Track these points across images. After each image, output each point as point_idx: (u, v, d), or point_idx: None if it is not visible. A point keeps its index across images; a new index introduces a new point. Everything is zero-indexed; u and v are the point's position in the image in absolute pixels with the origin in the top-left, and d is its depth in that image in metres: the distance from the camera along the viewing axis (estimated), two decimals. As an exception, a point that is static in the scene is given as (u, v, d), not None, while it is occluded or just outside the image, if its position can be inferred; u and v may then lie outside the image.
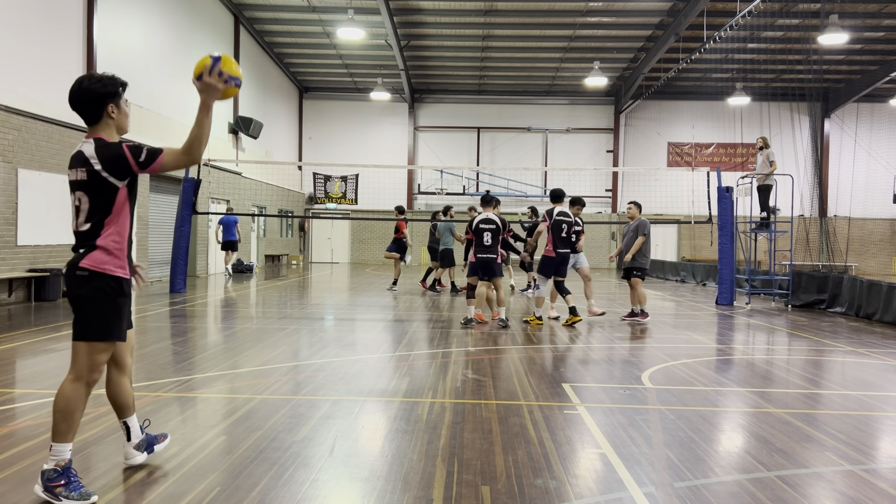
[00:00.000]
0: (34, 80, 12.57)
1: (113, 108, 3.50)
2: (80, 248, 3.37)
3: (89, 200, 3.35)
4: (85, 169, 3.33)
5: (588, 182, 30.02)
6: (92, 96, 3.47)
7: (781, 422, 4.96)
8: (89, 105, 3.48)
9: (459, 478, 3.69)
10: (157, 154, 3.37)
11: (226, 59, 3.53)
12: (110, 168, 3.33)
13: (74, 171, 3.38)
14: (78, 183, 3.35)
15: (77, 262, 3.34)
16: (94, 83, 3.46)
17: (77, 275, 3.34)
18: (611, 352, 7.98)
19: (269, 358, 7.14)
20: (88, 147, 3.37)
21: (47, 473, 3.27)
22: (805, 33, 20.73)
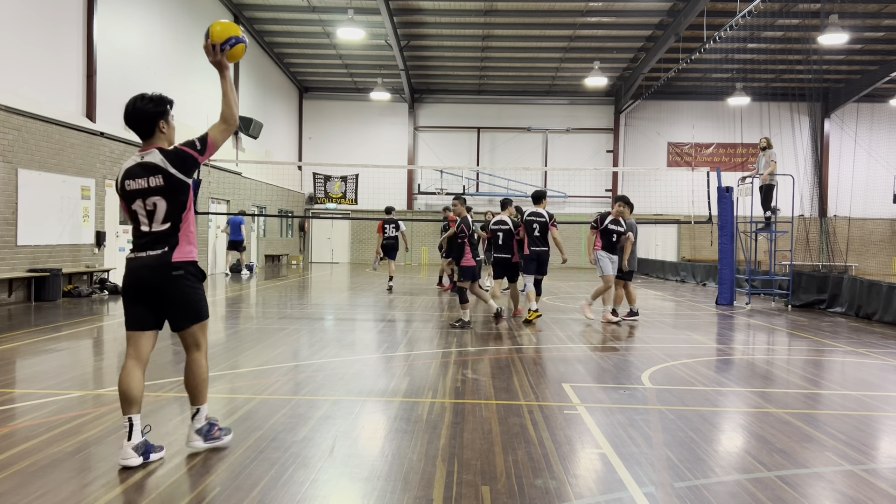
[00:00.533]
0: (34, 80, 12.57)
1: (163, 124, 3.93)
2: (164, 247, 3.82)
3: (166, 202, 3.81)
4: (160, 175, 3.79)
5: (588, 182, 30.03)
6: (145, 115, 3.87)
7: (781, 422, 4.95)
8: (143, 123, 3.88)
9: (459, 478, 3.69)
10: (205, 137, 3.91)
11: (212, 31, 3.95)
12: (182, 168, 3.81)
13: (144, 179, 3.80)
14: (152, 189, 3.79)
15: (169, 260, 3.80)
16: (146, 103, 3.87)
17: (174, 274, 3.81)
18: (611, 352, 7.98)
19: (269, 358, 7.14)
20: (155, 156, 3.82)
21: (203, 429, 4.03)
22: (805, 33, 20.73)
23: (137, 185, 3.81)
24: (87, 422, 4.62)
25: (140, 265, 3.82)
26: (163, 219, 3.82)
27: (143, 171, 3.81)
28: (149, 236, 3.84)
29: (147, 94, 3.91)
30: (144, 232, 3.85)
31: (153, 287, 3.82)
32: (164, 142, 3.93)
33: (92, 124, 14.05)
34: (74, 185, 13.36)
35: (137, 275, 3.83)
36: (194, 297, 3.91)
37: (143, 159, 3.84)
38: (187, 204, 3.88)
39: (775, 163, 13.69)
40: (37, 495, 3.36)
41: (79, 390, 5.56)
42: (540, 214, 10.56)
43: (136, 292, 3.86)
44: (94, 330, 9.04)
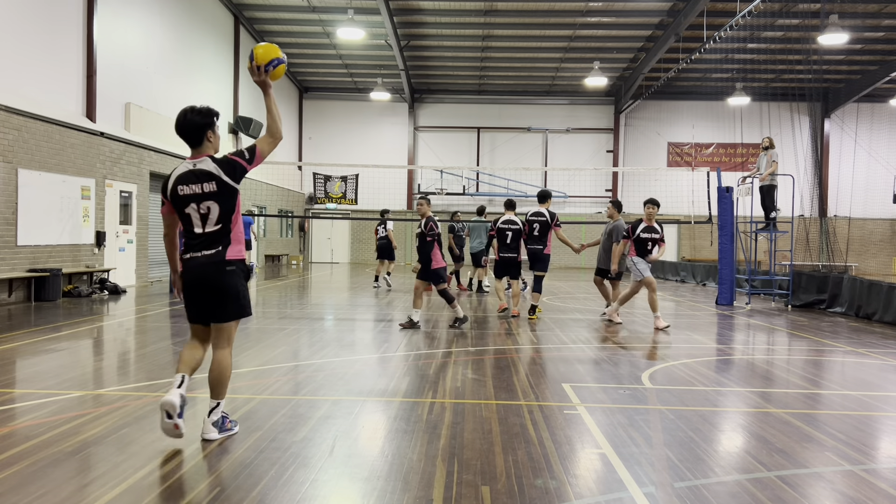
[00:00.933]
0: (34, 80, 12.57)
1: (210, 134, 4.28)
2: (218, 246, 4.18)
3: (219, 206, 4.16)
4: (214, 181, 4.15)
5: (588, 182, 30.03)
6: (194, 126, 4.24)
7: (781, 422, 4.95)
8: (193, 133, 4.24)
9: (459, 478, 3.69)
10: (253, 148, 4.27)
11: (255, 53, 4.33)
12: (232, 175, 4.18)
13: (198, 185, 4.14)
14: (207, 194, 4.14)
15: (223, 258, 4.18)
16: (195, 115, 4.25)
17: (227, 269, 4.19)
18: (611, 352, 7.98)
19: (269, 358, 7.14)
20: (208, 164, 4.17)
21: (218, 422, 4.27)
22: (805, 33, 20.73)
23: (191, 191, 4.15)
24: (87, 422, 4.62)
25: (197, 264, 4.19)
26: (216, 221, 4.18)
27: (196, 178, 4.15)
28: (203, 237, 4.20)
29: (196, 107, 4.30)
30: (198, 234, 4.20)
31: (209, 282, 4.20)
32: (211, 150, 4.29)
33: (92, 124, 14.05)
34: (74, 185, 13.36)
35: (196, 273, 4.21)
36: (243, 293, 4.30)
37: (196, 166, 4.19)
38: (236, 207, 4.24)
39: (776, 163, 13.69)
40: (37, 495, 3.36)
41: (79, 390, 5.56)
42: (541, 214, 10.82)
43: (195, 288, 4.24)
44: (94, 330, 9.05)
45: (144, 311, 11.22)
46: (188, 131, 4.24)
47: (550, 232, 10.83)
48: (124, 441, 4.23)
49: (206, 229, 4.18)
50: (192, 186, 4.15)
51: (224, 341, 4.30)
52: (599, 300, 14.43)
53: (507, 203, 11.47)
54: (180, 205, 4.19)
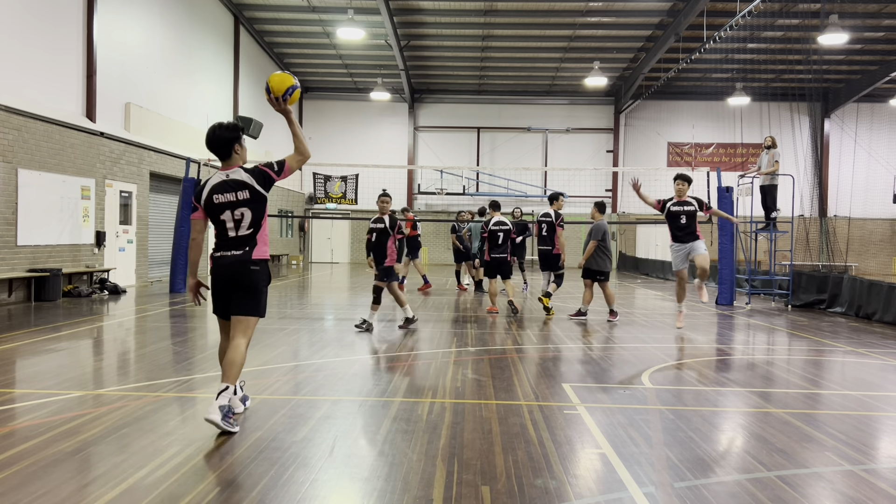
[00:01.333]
0: (34, 80, 12.57)
1: (237, 147, 4.66)
2: (246, 247, 4.55)
3: (251, 212, 4.55)
4: (247, 190, 4.54)
5: (588, 182, 30.01)
6: (223, 140, 4.61)
7: (781, 422, 4.95)
8: (222, 146, 4.61)
9: (459, 478, 3.69)
10: (283, 161, 4.69)
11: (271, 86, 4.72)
12: (263, 184, 4.58)
13: (232, 193, 4.52)
14: (240, 202, 4.53)
15: (249, 258, 4.54)
16: (223, 131, 4.62)
17: (252, 269, 4.55)
18: (611, 352, 7.98)
19: (269, 358, 7.14)
20: (241, 174, 4.57)
21: (224, 408, 4.37)
22: (805, 33, 20.72)
23: (226, 199, 4.54)
24: (87, 422, 4.62)
25: (226, 262, 4.56)
26: (248, 226, 4.56)
27: (230, 187, 4.53)
28: (234, 240, 4.58)
29: (223, 123, 4.67)
30: (231, 237, 4.58)
31: (234, 279, 4.55)
32: (240, 161, 4.66)
33: (92, 124, 14.05)
34: (74, 185, 13.36)
35: (223, 270, 4.56)
36: (263, 292, 4.64)
37: (229, 177, 4.57)
38: (265, 212, 4.64)
39: (778, 162, 13.69)
40: (37, 495, 3.36)
41: (79, 390, 5.56)
42: (548, 214, 11.26)
43: (221, 284, 4.58)
44: (94, 330, 9.05)
45: (144, 311, 11.22)
46: (217, 146, 4.61)
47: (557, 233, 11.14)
48: (124, 441, 4.23)
49: (239, 233, 4.57)
50: (226, 195, 4.54)
51: (241, 333, 4.57)
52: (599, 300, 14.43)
53: (494, 204, 11.71)
54: (215, 212, 4.56)
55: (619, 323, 10.61)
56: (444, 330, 9.40)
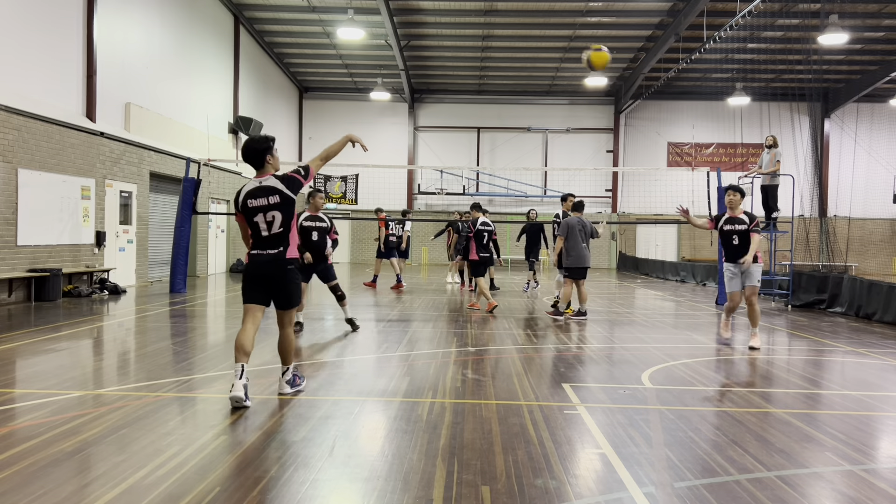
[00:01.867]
0: (34, 80, 12.57)
1: (269, 157, 5.23)
2: (280, 247, 5.16)
3: (281, 214, 5.13)
4: (277, 195, 5.12)
5: (588, 182, 30.01)
6: (256, 151, 5.20)
7: (781, 422, 4.95)
8: (256, 157, 5.20)
9: (459, 478, 3.69)
10: (307, 167, 5.31)
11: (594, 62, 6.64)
12: (291, 188, 5.14)
13: (265, 198, 5.12)
14: (272, 206, 5.11)
15: (284, 257, 5.16)
16: (256, 143, 5.21)
17: (288, 268, 5.17)
18: (611, 352, 7.98)
19: (269, 358, 7.14)
20: (272, 181, 5.16)
21: (291, 380, 5.49)
22: (805, 33, 20.72)
23: (259, 203, 5.13)
24: (87, 422, 4.62)
25: (262, 261, 5.16)
26: (278, 226, 5.14)
27: (263, 192, 5.13)
28: (268, 239, 5.16)
29: (257, 136, 5.23)
30: (264, 237, 5.16)
31: (270, 276, 5.16)
32: (272, 170, 5.22)
33: (92, 124, 14.05)
34: (74, 185, 13.36)
35: (259, 268, 5.18)
36: (297, 287, 5.30)
37: (262, 183, 5.16)
38: (294, 214, 5.23)
39: (780, 162, 13.68)
40: (37, 495, 3.36)
41: (79, 390, 5.56)
42: (559, 215, 11.96)
43: (257, 278, 5.19)
44: (94, 330, 9.05)
45: (144, 311, 11.22)
46: (252, 156, 5.20)
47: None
48: (124, 441, 4.23)
49: (271, 232, 5.14)
50: (259, 200, 5.13)
51: (287, 323, 5.38)
52: (599, 299, 14.43)
53: (476, 205, 12.30)
54: (250, 214, 5.15)
55: (620, 323, 10.61)
56: (444, 330, 9.40)
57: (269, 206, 5.12)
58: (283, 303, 5.29)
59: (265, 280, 5.18)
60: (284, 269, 5.17)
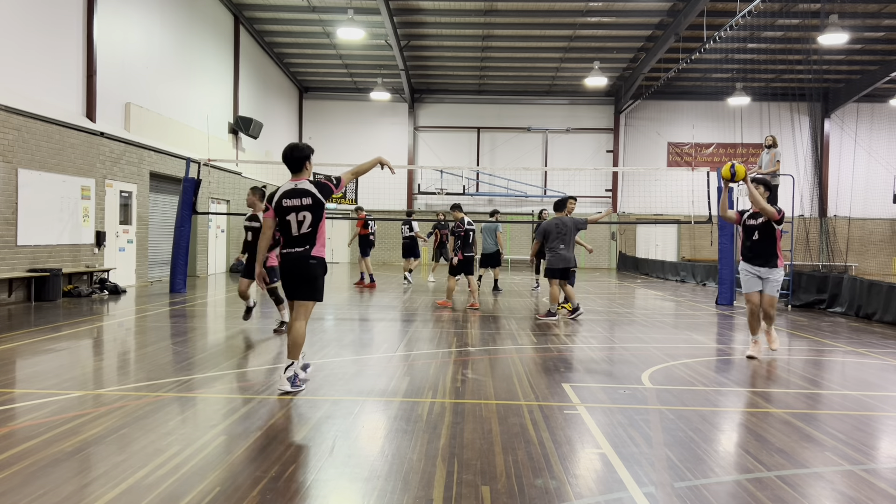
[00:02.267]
0: (34, 80, 12.57)
1: (307, 164, 5.70)
2: (306, 245, 5.57)
3: (312, 215, 5.55)
4: (310, 198, 5.55)
5: (588, 182, 30.02)
6: (297, 158, 5.66)
7: (781, 422, 4.95)
8: (297, 163, 5.66)
9: (459, 478, 3.69)
10: (340, 178, 5.69)
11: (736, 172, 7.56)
12: (323, 193, 5.58)
13: (298, 199, 5.55)
14: (304, 206, 5.54)
15: (308, 255, 5.55)
16: (298, 151, 5.67)
17: (311, 263, 5.56)
18: (611, 352, 7.98)
19: (269, 358, 7.14)
20: (306, 184, 5.60)
21: (292, 378, 5.56)
22: (805, 33, 20.72)
23: (292, 204, 5.56)
24: (87, 422, 4.62)
25: (292, 258, 5.59)
26: (308, 226, 5.56)
27: (297, 194, 5.57)
28: (297, 238, 5.58)
29: (298, 144, 5.68)
30: (294, 235, 5.58)
31: (298, 271, 5.58)
32: (307, 175, 5.70)
33: (92, 124, 14.05)
34: (74, 185, 13.36)
35: (289, 264, 5.62)
36: (319, 282, 5.65)
37: (297, 186, 5.60)
38: (322, 217, 5.61)
39: (779, 162, 13.67)
40: (37, 495, 3.36)
41: (79, 390, 5.56)
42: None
43: (289, 274, 5.63)
44: (94, 330, 9.04)
45: (144, 311, 11.22)
46: (293, 162, 5.67)
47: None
48: (124, 441, 4.23)
49: (301, 232, 5.57)
50: (293, 200, 5.57)
51: (301, 315, 5.63)
52: (599, 299, 14.44)
53: (457, 206, 12.67)
54: (283, 213, 5.59)
55: (619, 323, 10.61)
56: (444, 330, 9.40)
57: (302, 206, 5.55)
58: (303, 295, 5.64)
59: (292, 275, 5.61)
60: (307, 263, 5.57)
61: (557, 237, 10.84)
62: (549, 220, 11.12)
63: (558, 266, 10.86)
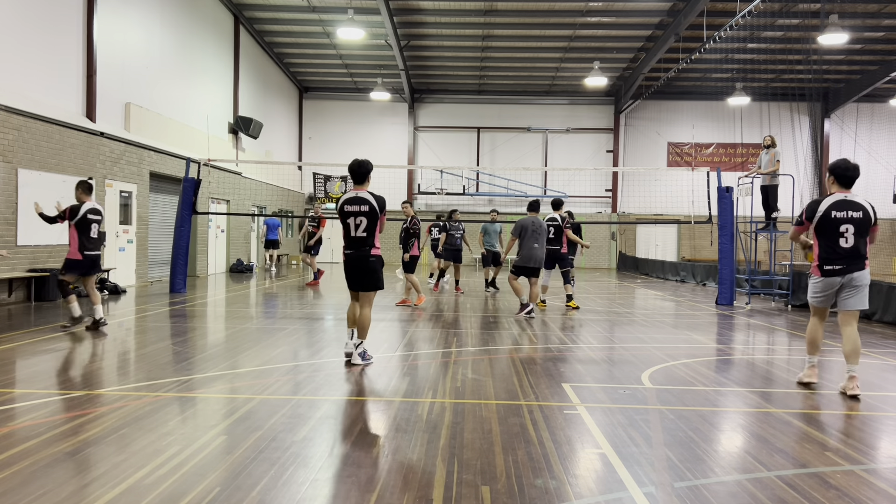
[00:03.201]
0: (34, 80, 12.57)
1: (369, 177, 6.86)
2: (365, 246, 6.73)
3: (367, 220, 6.70)
4: (367, 205, 6.68)
5: (588, 182, 30.02)
6: (363, 172, 6.81)
7: (781, 422, 4.95)
8: (362, 176, 6.81)
9: (459, 478, 3.69)
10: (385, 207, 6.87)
11: None
12: (380, 206, 6.75)
13: (357, 206, 6.69)
14: (361, 212, 6.69)
15: (368, 254, 6.73)
16: (363, 167, 6.78)
17: (371, 260, 6.75)
18: (611, 352, 7.98)
19: (269, 358, 7.14)
20: (366, 194, 6.74)
21: (363, 353, 6.85)
22: (805, 33, 20.73)
23: (352, 209, 6.70)
24: (87, 422, 4.62)
25: (354, 256, 6.77)
26: (363, 230, 6.69)
27: (357, 202, 6.71)
28: (355, 239, 6.74)
29: (364, 161, 6.79)
30: (353, 237, 6.74)
31: (360, 267, 6.76)
32: (367, 186, 6.81)
33: (92, 124, 14.04)
34: (74, 185, 13.34)
35: (352, 261, 6.79)
36: (379, 274, 6.83)
37: (358, 194, 6.72)
38: (377, 224, 6.75)
39: (779, 162, 13.67)
40: (37, 495, 3.36)
41: (79, 390, 5.56)
42: (555, 219, 12.43)
43: (351, 271, 6.81)
44: (93, 330, 9.03)
45: (144, 311, 11.21)
46: (359, 175, 6.80)
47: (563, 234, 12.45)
48: (124, 441, 4.23)
49: (357, 234, 6.71)
50: (353, 206, 6.70)
51: (367, 303, 6.84)
52: (599, 299, 14.44)
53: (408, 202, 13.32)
54: (345, 216, 6.72)
55: (619, 323, 10.61)
56: (444, 330, 9.40)
57: (360, 213, 6.66)
58: (367, 286, 6.79)
59: (356, 270, 6.75)
60: (369, 260, 6.70)
61: (532, 235, 11.00)
62: (526, 218, 11.20)
63: (529, 265, 11.05)
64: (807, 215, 6.08)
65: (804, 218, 6.12)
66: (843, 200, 5.93)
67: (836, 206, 5.91)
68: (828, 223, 5.93)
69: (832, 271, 6.02)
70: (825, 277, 6.11)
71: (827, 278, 6.10)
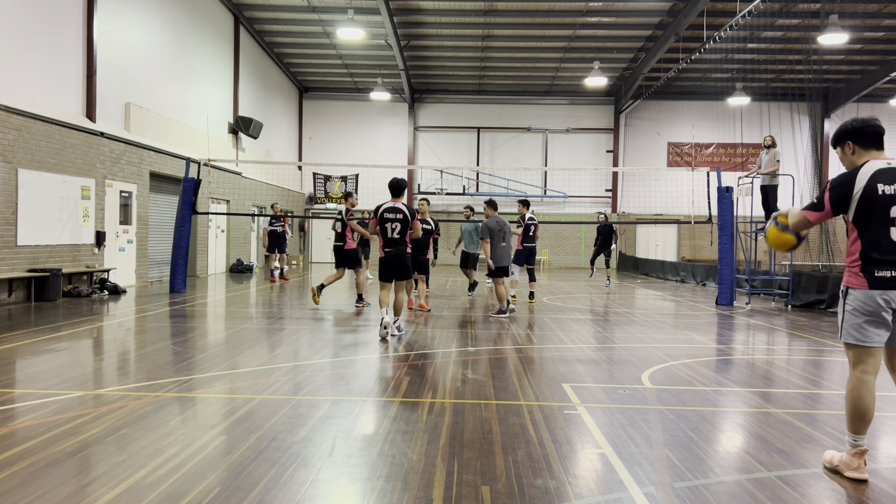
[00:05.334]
0: (34, 80, 12.57)
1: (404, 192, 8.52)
2: (401, 246, 8.43)
3: (401, 226, 8.37)
4: (402, 213, 8.36)
5: (588, 182, 30.02)
6: (401, 188, 8.48)
7: (781, 422, 4.95)
8: (400, 191, 8.48)
9: (459, 478, 3.69)
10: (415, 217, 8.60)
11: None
12: (411, 215, 8.46)
13: (394, 214, 8.36)
14: (397, 219, 8.35)
15: (404, 251, 8.49)
16: (402, 183, 8.50)
17: (406, 256, 8.50)
18: (611, 352, 7.98)
19: (269, 358, 7.15)
20: (400, 205, 8.43)
21: (399, 326, 8.71)
22: (805, 33, 20.72)
23: (390, 216, 8.38)
24: (87, 422, 4.62)
25: (393, 254, 8.40)
26: (398, 233, 8.37)
27: (394, 211, 8.40)
28: (393, 240, 8.40)
29: (400, 179, 8.45)
30: (391, 238, 8.39)
31: (398, 262, 8.44)
32: (402, 199, 8.49)
33: (92, 124, 14.05)
34: (74, 185, 13.36)
35: (391, 258, 8.42)
36: (409, 267, 8.66)
37: (395, 205, 8.43)
38: (410, 226, 8.42)
39: (779, 162, 13.67)
40: (37, 495, 3.36)
41: (79, 390, 5.56)
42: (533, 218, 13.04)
43: (389, 265, 8.45)
44: (94, 330, 9.04)
45: (144, 311, 11.22)
46: (398, 190, 8.46)
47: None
48: (124, 441, 4.23)
49: (393, 236, 8.38)
50: (391, 214, 8.37)
51: (400, 289, 8.63)
52: (599, 299, 14.44)
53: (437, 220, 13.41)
54: (384, 222, 8.37)
55: (619, 323, 10.61)
56: (444, 330, 9.41)
57: (396, 219, 8.35)
58: (402, 276, 8.58)
59: (395, 264, 8.42)
60: (404, 257, 8.45)
61: (499, 234, 11.16)
62: (490, 219, 11.23)
63: (502, 263, 11.18)
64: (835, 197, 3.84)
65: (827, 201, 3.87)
66: (890, 169, 3.76)
67: (882, 177, 3.72)
68: (873, 203, 3.70)
69: (888, 280, 3.67)
70: (876, 290, 3.68)
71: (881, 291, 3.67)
